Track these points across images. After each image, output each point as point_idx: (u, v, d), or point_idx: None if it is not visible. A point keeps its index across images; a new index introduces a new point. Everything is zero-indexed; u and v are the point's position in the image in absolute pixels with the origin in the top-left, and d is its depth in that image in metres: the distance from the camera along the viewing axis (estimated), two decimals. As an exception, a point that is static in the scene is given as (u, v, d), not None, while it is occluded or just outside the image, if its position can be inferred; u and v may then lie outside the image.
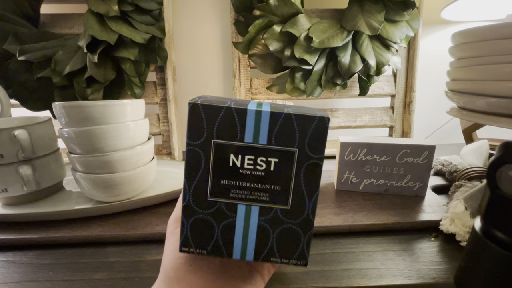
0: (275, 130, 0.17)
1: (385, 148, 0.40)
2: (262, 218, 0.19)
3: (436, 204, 0.39)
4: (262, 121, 0.17)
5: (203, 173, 0.18)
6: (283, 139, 0.18)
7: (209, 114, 0.17)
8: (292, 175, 0.18)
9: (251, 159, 0.18)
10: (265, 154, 0.18)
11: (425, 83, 0.71)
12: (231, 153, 0.18)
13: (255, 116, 0.17)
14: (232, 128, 0.17)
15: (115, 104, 0.36)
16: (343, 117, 0.64)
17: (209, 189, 0.18)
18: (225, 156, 0.18)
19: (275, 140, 0.18)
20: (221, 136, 0.17)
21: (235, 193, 0.18)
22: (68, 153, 0.38)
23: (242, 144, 0.18)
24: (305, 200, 0.18)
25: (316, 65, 0.53)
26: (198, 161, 0.18)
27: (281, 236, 0.19)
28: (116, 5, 0.49)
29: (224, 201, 0.18)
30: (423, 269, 0.28)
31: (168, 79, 0.58)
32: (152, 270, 0.29)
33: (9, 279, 0.28)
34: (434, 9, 0.65)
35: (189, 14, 0.64)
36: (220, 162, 0.18)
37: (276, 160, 0.18)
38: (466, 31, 0.41)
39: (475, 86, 0.40)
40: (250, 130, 0.17)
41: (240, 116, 0.17)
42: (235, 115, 0.17)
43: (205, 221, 0.19)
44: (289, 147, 0.18)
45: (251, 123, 0.17)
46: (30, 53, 0.50)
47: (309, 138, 0.18)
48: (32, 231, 0.34)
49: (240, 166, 0.18)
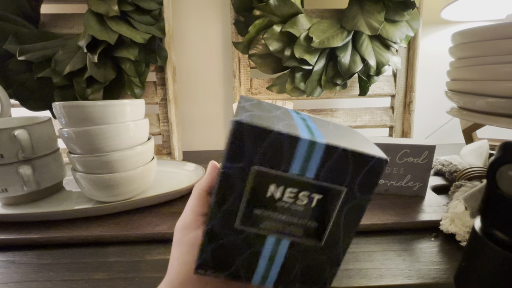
0: (326, 165, 0.15)
1: (385, 148, 0.40)
2: (291, 251, 0.17)
3: (436, 204, 0.39)
4: (314, 154, 0.15)
5: (235, 199, 0.16)
6: (334, 175, 0.16)
7: (255, 136, 0.15)
8: (333, 213, 0.16)
9: (293, 192, 0.16)
10: (310, 189, 0.16)
11: (425, 83, 0.71)
12: (272, 183, 0.16)
13: (307, 147, 0.15)
14: (278, 156, 0.15)
15: (115, 104, 0.36)
16: (343, 117, 0.64)
17: (240, 216, 0.16)
18: (264, 185, 0.16)
19: (324, 175, 0.16)
20: (264, 163, 0.15)
21: (267, 224, 0.16)
22: (68, 153, 0.38)
23: (287, 175, 0.15)
24: (340, 239, 0.17)
25: (316, 65, 0.53)
26: (232, 186, 0.16)
27: (307, 268, 0.18)
28: (116, 5, 0.49)
29: (254, 231, 0.17)
30: (423, 269, 0.28)
31: (168, 79, 0.58)
32: (152, 270, 0.29)
33: (9, 279, 0.28)
34: (434, 9, 0.65)
35: (189, 14, 0.64)
36: (257, 190, 0.16)
37: (320, 197, 0.16)
38: (466, 31, 0.41)
39: (475, 86, 0.40)
40: (298, 161, 0.15)
41: (291, 144, 0.15)
42: (285, 143, 0.15)
43: (229, 247, 0.17)
44: (338, 184, 0.16)
45: (301, 154, 0.15)
46: (30, 53, 0.50)
47: (361, 178, 0.16)
48: (32, 231, 0.34)
49: (279, 198, 0.16)
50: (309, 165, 0.15)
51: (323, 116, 0.63)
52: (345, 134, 0.18)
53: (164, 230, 0.34)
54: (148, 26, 0.54)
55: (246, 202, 0.16)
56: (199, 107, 0.69)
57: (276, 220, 0.16)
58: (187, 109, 0.69)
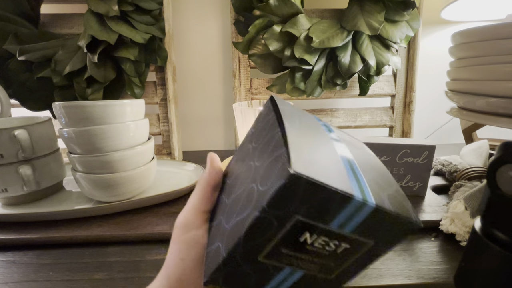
0: (367, 223, 0.15)
1: (385, 148, 0.40)
2: (302, 278, 0.18)
3: (436, 204, 0.39)
4: (361, 213, 0.15)
5: (266, 238, 0.15)
6: (369, 231, 0.15)
7: (309, 191, 0.13)
8: (353, 258, 0.17)
9: (325, 241, 0.16)
10: (341, 239, 0.16)
11: (425, 83, 0.71)
12: (308, 231, 0.15)
13: (356, 207, 0.14)
14: (325, 210, 0.14)
15: (115, 104, 0.36)
16: (343, 117, 0.64)
17: (265, 253, 0.16)
18: (300, 232, 0.15)
19: (360, 230, 0.15)
20: (308, 215, 0.14)
21: (290, 260, 0.16)
22: (68, 153, 0.38)
23: (326, 227, 0.15)
24: (350, 276, 0.18)
25: (316, 65, 0.53)
26: (267, 229, 0.15)
27: None
28: (116, 5, 0.49)
29: (275, 264, 0.17)
30: (423, 269, 0.28)
31: (168, 79, 0.58)
32: (152, 270, 0.29)
33: (9, 279, 0.28)
34: (434, 9, 0.65)
35: (189, 14, 0.64)
36: (292, 235, 0.15)
37: (348, 247, 0.16)
38: (466, 31, 0.41)
39: (475, 86, 0.40)
40: (343, 217, 0.15)
41: (342, 203, 0.14)
42: (336, 200, 0.14)
43: (244, 272, 0.17)
44: (368, 239, 0.16)
45: (349, 211, 0.14)
46: (30, 53, 0.50)
47: (391, 235, 0.16)
48: (32, 231, 0.34)
49: (310, 244, 0.16)
50: (352, 222, 0.15)
51: (323, 116, 0.63)
52: (381, 176, 0.18)
53: (164, 230, 0.34)
54: (148, 26, 0.54)
55: (277, 242, 0.15)
56: (199, 107, 0.69)
57: (299, 258, 0.16)
58: (187, 109, 0.69)
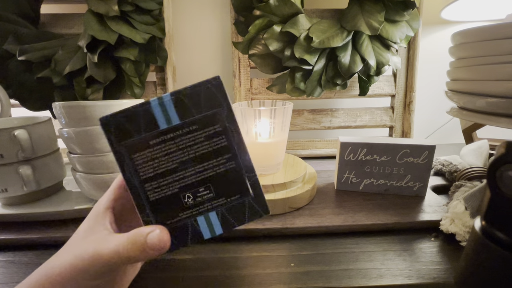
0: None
1: (385, 148, 0.40)
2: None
3: (436, 204, 0.39)
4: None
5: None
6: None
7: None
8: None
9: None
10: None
11: (425, 83, 0.71)
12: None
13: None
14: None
15: (115, 104, 0.36)
16: (343, 117, 0.64)
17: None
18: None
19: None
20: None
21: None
22: (68, 153, 0.38)
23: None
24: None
25: (316, 65, 0.53)
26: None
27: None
28: (116, 5, 0.49)
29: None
30: (423, 269, 0.28)
31: (168, 79, 0.58)
32: (150, 269, 0.29)
33: (9, 279, 0.28)
34: (434, 9, 0.65)
35: (189, 14, 0.64)
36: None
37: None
38: (466, 31, 0.41)
39: (475, 86, 0.40)
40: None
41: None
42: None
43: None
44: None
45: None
46: (30, 53, 0.50)
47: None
48: (32, 231, 0.34)
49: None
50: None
51: (323, 116, 0.63)
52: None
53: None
54: (148, 26, 0.54)
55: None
56: (199, 107, 0.69)
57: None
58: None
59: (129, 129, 0.20)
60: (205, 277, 0.28)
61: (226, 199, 0.21)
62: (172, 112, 0.20)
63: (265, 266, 0.29)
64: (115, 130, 0.20)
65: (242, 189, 0.21)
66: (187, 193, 0.21)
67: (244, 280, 0.27)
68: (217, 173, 0.21)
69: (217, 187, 0.21)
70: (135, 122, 0.20)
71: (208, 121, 0.20)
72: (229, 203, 0.21)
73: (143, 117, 0.20)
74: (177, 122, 0.20)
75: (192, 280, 0.27)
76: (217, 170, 0.21)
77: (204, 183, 0.21)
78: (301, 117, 0.63)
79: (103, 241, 0.19)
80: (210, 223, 0.21)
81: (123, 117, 0.20)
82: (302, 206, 0.39)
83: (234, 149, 0.21)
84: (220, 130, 0.20)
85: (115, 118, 0.20)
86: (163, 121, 0.20)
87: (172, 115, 0.20)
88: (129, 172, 0.20)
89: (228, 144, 0.21)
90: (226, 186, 0.21)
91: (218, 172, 0.21)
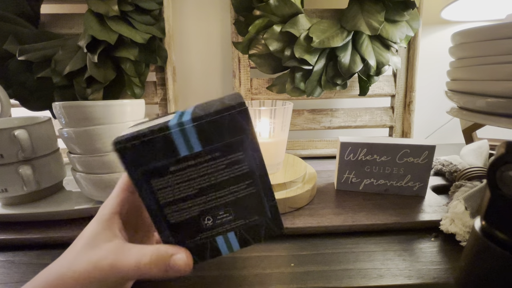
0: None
1: (385, 148, 0.40)
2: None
3: (436, 204, 0.39)
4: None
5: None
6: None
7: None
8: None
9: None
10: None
11: (425, 83, 0.71)
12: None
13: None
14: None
15: (115, 104, 0.36)
16: (343, 117, 0.64)
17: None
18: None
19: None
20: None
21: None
22: (68, 153, 0.38)
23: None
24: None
25: (316, 65, 0.53)
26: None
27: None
28: (116, 5, 0.49)
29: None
30: (423, 269, 0.28)
31: (168, 79, 0.58)
32: (152, 270, 0.29)
33: (9, 279, 0.28)
34: (434, 9, 0.65)
35: (189, 14, 0.64)
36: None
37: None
38: (466, 31, 0.41)
39: (475, 86, 0.40)
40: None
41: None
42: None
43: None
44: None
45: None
46: (30, 53, 0.50)
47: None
48: (32, 231, 0.34)
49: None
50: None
51: (323, 116, 0.63)
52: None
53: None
54: (148, 26, 0.54)
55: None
56: (199, 107, 0.69)
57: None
58: (187, 109, 0.69)
59: (147, 155, 0.19)
60: (205, 277, 0.28)
61: (244, 221, 0.21)
62: (194, 139, 0.19)
63: (265, 266, 0.29)
64: (131, 156, 0.18)
65: (260, 212, 0.21)
66: (207, 216, 0.20)
67: (244, 280, 0.27)
68: (238, 198, 0.20)
69: (237, 210, 0.21)
70: (153, 148, 0.18)
71: (231, 148, 0.19)
72: (248, 224, 0.21)
73: (163, 144, 0.18)
74: (199, 149, 0.19)
75: (192, 280, 0.27)
76: (237, 195, 0.20)
77: (225, 207, 0.20)
78: (301, 117, 0.63)
79: (121, 253, 0.19)
80: (229, 241, 0.21)
81: (140, 144, 0.18)
82: (302, 206, 0.39)
83: (255, 175, 0.20)
84: (243, 158, 0.20)
85: (131, 143, 0.18)
86: (184, 148, 0.19)
87: (194, 142, 0.19)
88: (147, 197, 0.19)
89: (249, 170, 0.20)
90: (245, 209, 0.21)
91: (238, 197, 0.20)
